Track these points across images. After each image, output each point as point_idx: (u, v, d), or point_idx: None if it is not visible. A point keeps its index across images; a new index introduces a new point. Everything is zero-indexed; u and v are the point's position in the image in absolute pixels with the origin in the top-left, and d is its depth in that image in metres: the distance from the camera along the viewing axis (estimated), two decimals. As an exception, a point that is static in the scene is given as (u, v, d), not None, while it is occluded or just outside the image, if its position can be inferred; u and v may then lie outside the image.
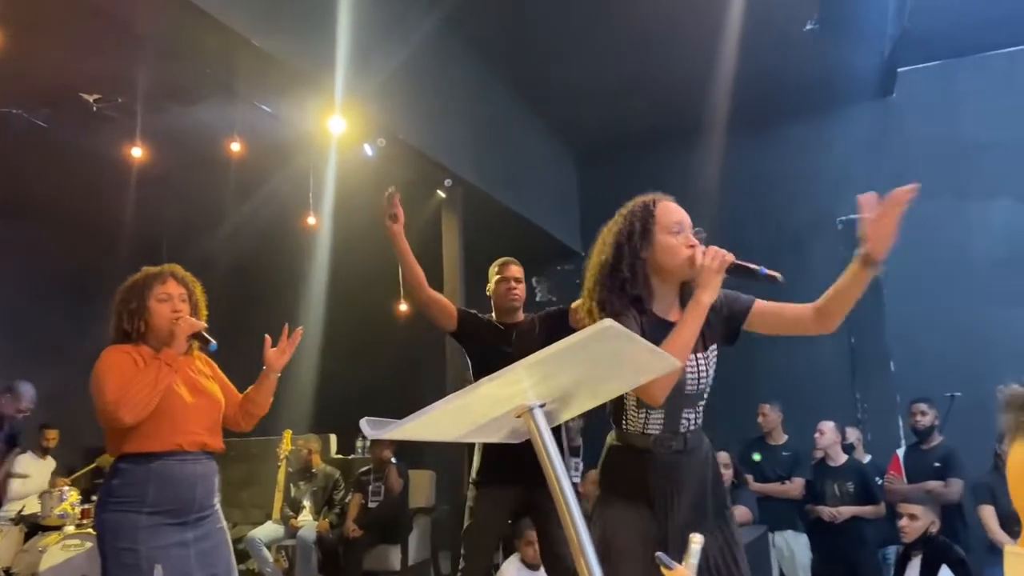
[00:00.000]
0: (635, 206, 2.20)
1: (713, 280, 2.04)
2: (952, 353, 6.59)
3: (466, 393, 1.14)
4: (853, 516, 5.18)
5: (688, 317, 2.03)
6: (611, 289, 2.12)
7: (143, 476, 2.56)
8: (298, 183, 5.65)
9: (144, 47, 4.27)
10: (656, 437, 2.15)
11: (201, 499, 2.67)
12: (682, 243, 2.13)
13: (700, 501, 2.17)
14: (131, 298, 2.70)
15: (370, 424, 1.13)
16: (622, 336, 1.15)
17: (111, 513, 2.55)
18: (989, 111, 7.00)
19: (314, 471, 6.19)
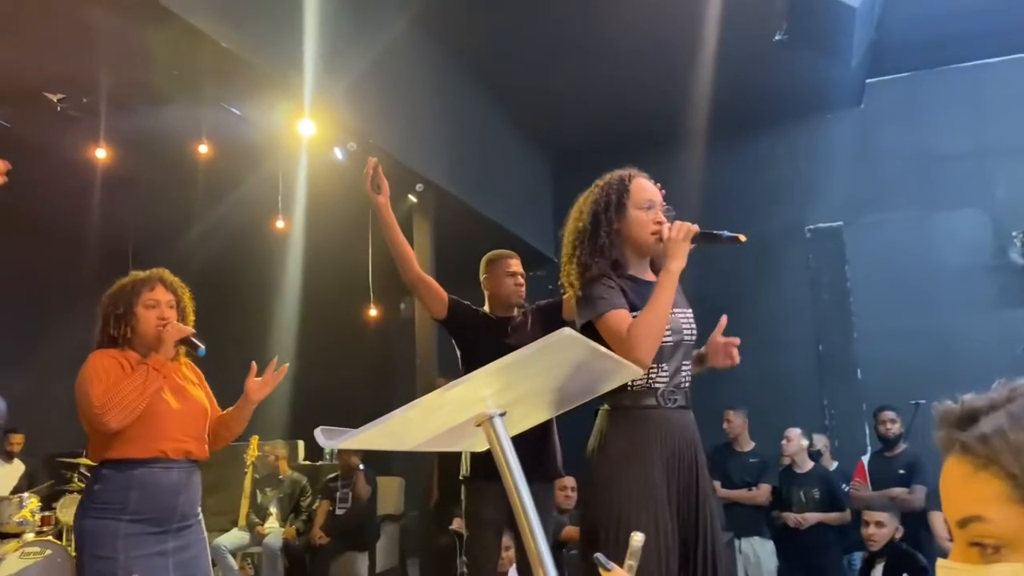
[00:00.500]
0: (612, 179, 2.34)
1: (681, 249, 2.20)
2: (918, 361, 6.67)
3: (425, 401, 1.12)
4: (819, 523, 5.22)
5: (662, 286, 2.17)
6: (592, 253, 2.24)
7: (125, 483, 2.53)
8: (268, 186, 5.59)
9: (108, 47, 4.20)
10: (663, 391, 2.21)
11: (184, 508, 2.63)
12: (651, 219, 2.28)
13: (701, 464, 2.23)
14: (118, 303, 2.68)
15: (325, 433, 1.11)
16: (581, 344, 1.14)
17: (91, 520, 2.52)
18: (954, 123, 7.12)
19: (281, 477, 6.12)
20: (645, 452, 2.14)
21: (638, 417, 2.19)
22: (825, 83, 6.59)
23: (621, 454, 2.15)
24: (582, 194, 2.40)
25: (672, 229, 2.22)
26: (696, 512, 2.17)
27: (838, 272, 7.39)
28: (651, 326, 2.12)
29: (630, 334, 2.10)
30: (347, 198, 5.97)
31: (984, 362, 6.66)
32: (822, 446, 5.94)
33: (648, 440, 2.15)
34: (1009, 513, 0.70)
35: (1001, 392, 0.77)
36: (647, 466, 2.13)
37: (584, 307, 2.22)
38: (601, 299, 2.18)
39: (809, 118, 7.47)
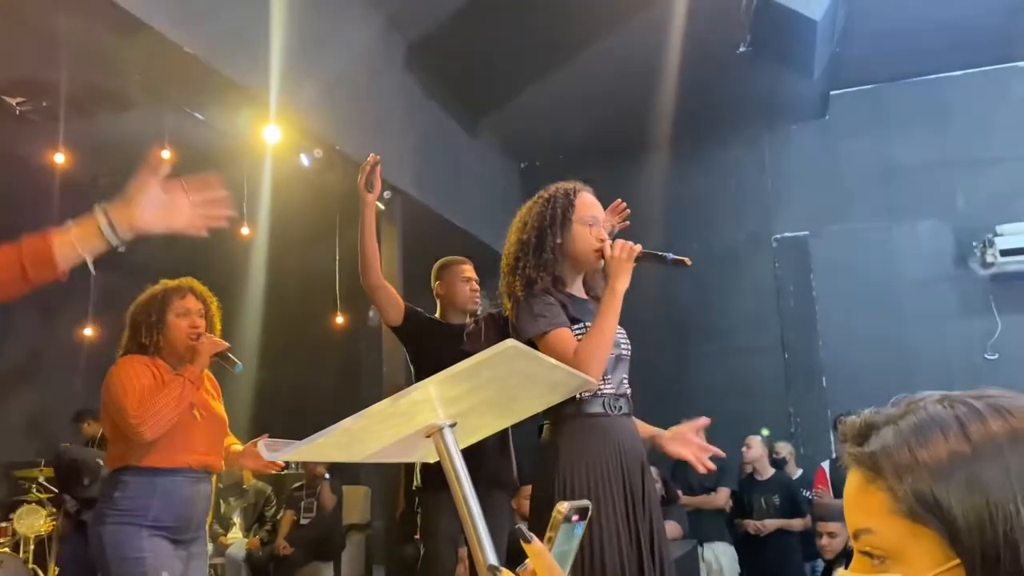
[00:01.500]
0: (557, 192, 2.33)
1: (625, 268, 2.20)
2: (882, 368, 6.74)
3: (372, 411, 1.11)
4: (779, 529, 5.26)
5: (607, 306, 2.18)
6: (537, 267, 2.24)
7: (148, 490, 2.55)
8: (233, 192, 5.52)
9: (69, 51, 4.14)
10: (608, 399, 2.23)
11: (199, 519, 2.68)
12: (594, 235, 2.28)
13: (648, 470, 2.26)
14: (151, 311, 2.73)
15: (269, 446, 1.10)
16: (526, 356, 1.14)
17: (112, 526, 2.52)
18: (917, 134, 7.22)
19: (245, 487, 6.06)
20: (598, 459, 2.15)
21: (588, 426, 2.19)
22: (790, 95, 6.67)
23: (575, 462, 2.15)
24: (525, 205, 2.38)
25: (615, 248, 2.22)
26: (648, 518, 2.18)
27: (804, 281, 7.47)
28: (598, 348, 2.14)
29: (578, 357, 2.10)
30: (313, 205, 5.95)
31: (946, 369, 6.77)
32: (787, 453, 5.98)
33: (600, 447, 2.17)
34: (893, 525, 0.73)
35: (898, 407, 0.80)
36: (601, 473, 2.14)
37: (526, 322, 2.21)
38: (542, 316, 2.18)
39: (774, 129, 7.55)
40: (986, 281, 6.79)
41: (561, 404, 2.15)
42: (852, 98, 7.46)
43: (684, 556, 3.93)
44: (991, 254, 6.61)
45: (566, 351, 2.12)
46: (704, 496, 5.49)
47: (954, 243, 7.01)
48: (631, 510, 2.16)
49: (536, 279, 2.23)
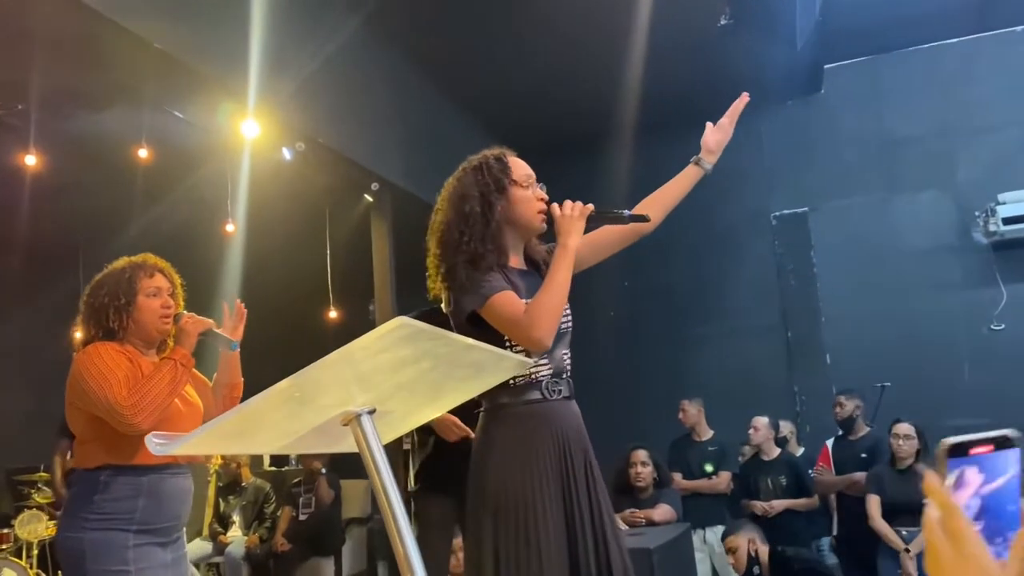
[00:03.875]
0: (486, 159, 2.19)
1: (576, 226, 2.09)
2: (886, 344, 6.68)
3: (258, 402, 1.06)
4: (787, 509, 5.20)
5: (560, 263, 2.05)
6: (484, 239, 2.08)
7: (133, 490, 2.32)
8: (216, 189, 5.51)
9: (43, 52, 4.11)
10: (546, 383, 2.08)
11: (183, 517, 2.47)
12: (535, 196, 2.16)
13: (588, 454, 2.12)
14: (118, 292, 2.45)
15: (158, 439, 1.05)
16: (423, 333, 1.08)
17: (95, 532, 2.28)
18: (914, 105, 7.11)
19: (243, 485, 6.03)
20: (534, 451, 2.01)
21: (524, 413, 2.05)
22: (781, 69, 6.53)
23: (508, 455, 2.02)
24: (449, 180, 2.23)
25: (565, 206, 2.11)
26: (592, 511, 2.04)
27: (804, 258, 7.38)
28: (551, 304, 1.99)
29: (529, 314, 1.97)
30: (301, 200, 5.91)
31: (952, 342, 6.69)
32: (788, 432, 5.91)
33: (536, 437, 2.03)
34: None
35: None
36: (538, 466, 2.00)
37: (466, 296, 2.04)
38: (485, 282, 2.03)
39: (770, 106, 7.42)
40: (989, 250, 6.68)
41: (494, 391, 2.03)
42: (846, 71, 7.34)
43: (676, 539, 3.88)
44: (993, 223, 6.51)
45: (514, 313, 1.98)
46: (705, 480, 5.42)
47: (955, 213, 6.90)
48: (571, 505, 2.02)
49: (484, 253, 2.07)
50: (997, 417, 6.53)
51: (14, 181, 4.97)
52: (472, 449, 2.12)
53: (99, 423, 2.34)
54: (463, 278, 2.05)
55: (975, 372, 6.56)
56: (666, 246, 7.37)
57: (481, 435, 2.10)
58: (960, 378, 6.59)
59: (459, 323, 2.07)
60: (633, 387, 7.22)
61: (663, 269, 7.41)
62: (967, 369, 6.61)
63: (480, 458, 2.06)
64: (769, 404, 6.26)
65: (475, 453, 2.09)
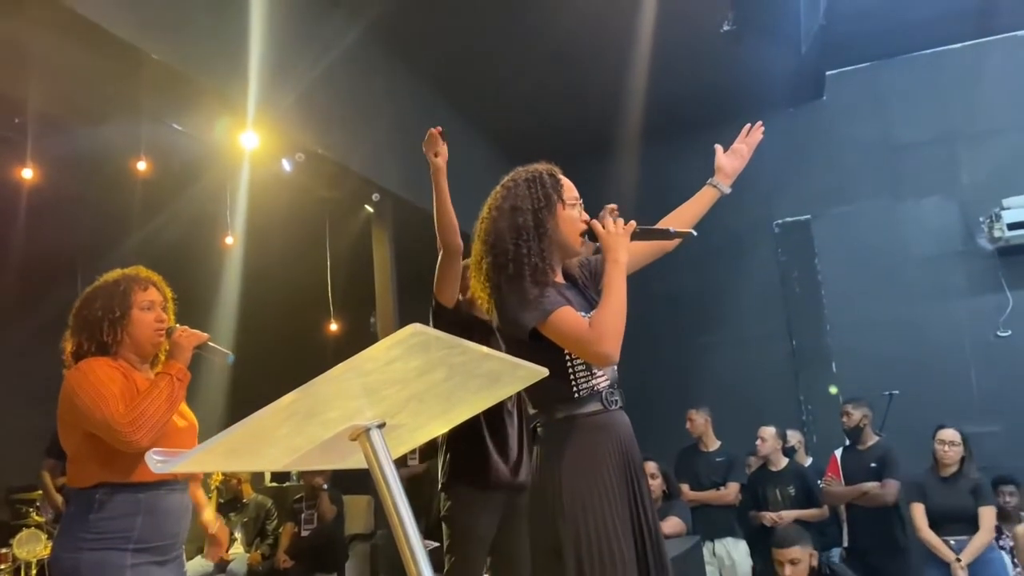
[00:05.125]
0: (540, 173, 2.20)
1: (623, 242, 2.11)
2: (892, 351, 6.62)
3: (261, 416, 1.00)
4: (796, 519, 5.12)
5: (615, 278, 2.07)
6: (541, 253, 2.09)
7: (131, 508, 2.27)
8: (217, 201, 5.46)
9: (40, 65, 4.07)
10: (605, 393, 2.10)
11: (183, 534, 2.41)
12: (579, 218, 2.18)
13: (641, 463, 2.15)
14: (112, 305, 2.41)
15: (158, 456, 0.99)
16: (438, 342, 1.02)
17: (91, 552, 2.22)
18: (917, 110, 7.08)
19: (244, 501, 5.95)
20: (602, 462, 2.03)
21: (590, 425, 2.06)
22: (783, 76, 6.50)
23: (577, 468, 2.02)
24: (499, 187, 2.24)
25: (607, 223, 2.13)
26: (651, 519, 2.08)
27: (808, 265, 7.33)
28: (615, 318, 2.01)
29: (595, 329, 1.98)
30: (301, 211, 5.86)
31: (958, 349, 6.63)
32: (796, 442, 5.84)
33: (602, 449, 2.05)
34: None
35: None
36: (607, 478, 2.02)
37: (523, 311, 2.04)
38: (544, 298, 2.04)
39: (772, 112, 7.34)
40: (995, 256, 6.63)
41: (553, 402, 2.08)
42: (848, 77, 7.31)
43: (687, 552, 3.80)
44: (998, 228, 6.46)
45: (578, 328, 1.99)
46: (714, 491, 5.33)
47: (960, 219, 6.85)
48: (637, 514, 2.05)
49: (544, 268, 2.09)
50: (1005, 424, 6.48)
51: (12, 195, 4.92)
52: (538, 463, 2.11)
53: (94, 440, 2.28)
54: (524, 292, 2.05)
55: (982, 379, 6.50)
56: (669, 255, 7.27)
57: (544, 450, 2.09)
58: (967, 385, 6.53)
59: (515, 337, 2.08)
60: (638, 397, 7.10)
61: (666, 278, 7.34)
62: (974, 376, 6.55)
63: (550, 471, 2.05)
64: (775, 413, 6.20)
65: (544, 464, 2.08)
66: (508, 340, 2.12)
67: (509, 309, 2.07)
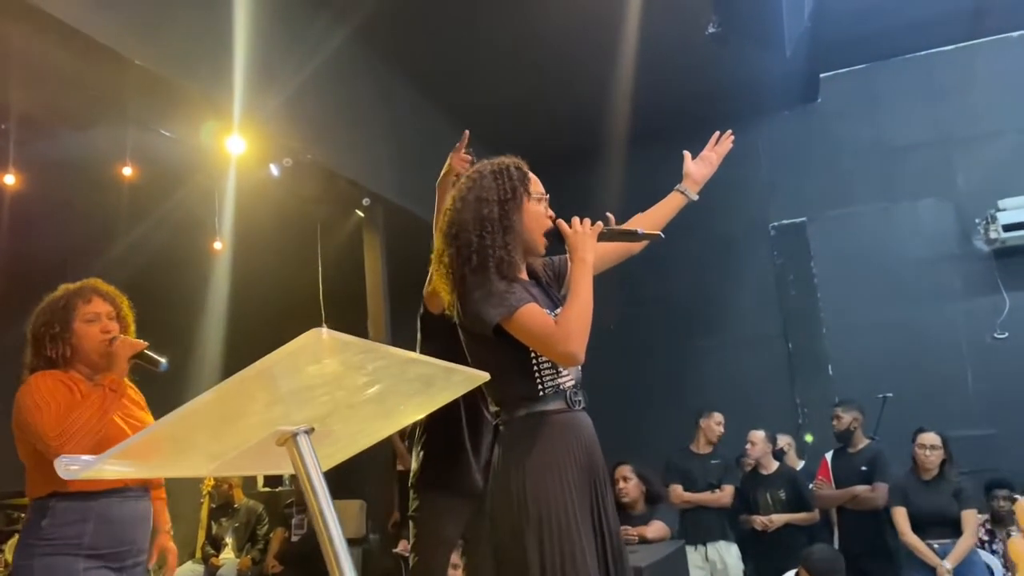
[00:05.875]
0: (507, 166, 2.14)
1: (590, 241, 2.09)
2: (888, 353, 6.59)
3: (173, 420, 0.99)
4: (787, 524, 5.09)
5: (582, 278, 2.04)
6: (506, 246, 2.04)
7: (81, 515, 2.32)
8: (203, 206, 5.46)
9: (22, 71, 4.07)
10: (569, 393, 2.07)
11: (140, 542, 2.44)
12: (545, 213, 2.15)
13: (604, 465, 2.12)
14: (53, 321, 2.46)
15: (67, 461, 0.98)
16: (347, 346, 1.01)
17: (44, 558, 2.27)
18: (911, 113, 7.06)
19: (236, 506, 5.94)
20: (565, 462, 1.99)
21: (554, 423, 2.01)
22: (777, 79, 6.48)
23: (541, 467, 1.97)
24: (464, 178, 2.17)
25: (574, 222, 2.10)
26: (611, 522, 2.06)
27: (804, 268, 7.30)
28: (582, 318, 1.97)
29: (562, 327, 1.94)
30: (290, 216, 5.85)
31: (955, 351, 6.59)
32: (785, 444, 5.80)
33: (566, 448, 2.00)
34: None
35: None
36: (571, 478, 1.98)
37: (488, 305, 1.97)
38: (510, 293, 1.98)
39: (766, 116, 7.38)
40: (991, 258, 6.60)
41: (516, 400, 2.03)
42: (843, 80, 7.29)
43: (669, 557, 3.77)
44: (994, 230, 6.42)
45: (545, 327, 1.95)
46: (709, 494, 5.29)
47: (955, 221, 6.82)
48: (599, 517, 2.03)
49: (509, 261, 2.03)
50: (1002, 427, 6.43)
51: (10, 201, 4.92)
52: (500, 461, 2.05)
53: (41, 452, 2.33)
54: (489, 286, 2.00)
55: (978, 381, 6.46)
56: (664, 257, 7.25)
57: (512, 443, 2.03)
58: (964, 387, 6.49)
59: (477, 333, 2.03)
60: (633, 400, 7.12)
61: (662, 280, 7.33)
62: (970, 378, 6.52)
63: (515, 466, 1.99)
64: (771, 416, 6.18)
65: (507, 462, 2.02)
66: (469, 335, 2.07)
67: (473, 303, 2.00)
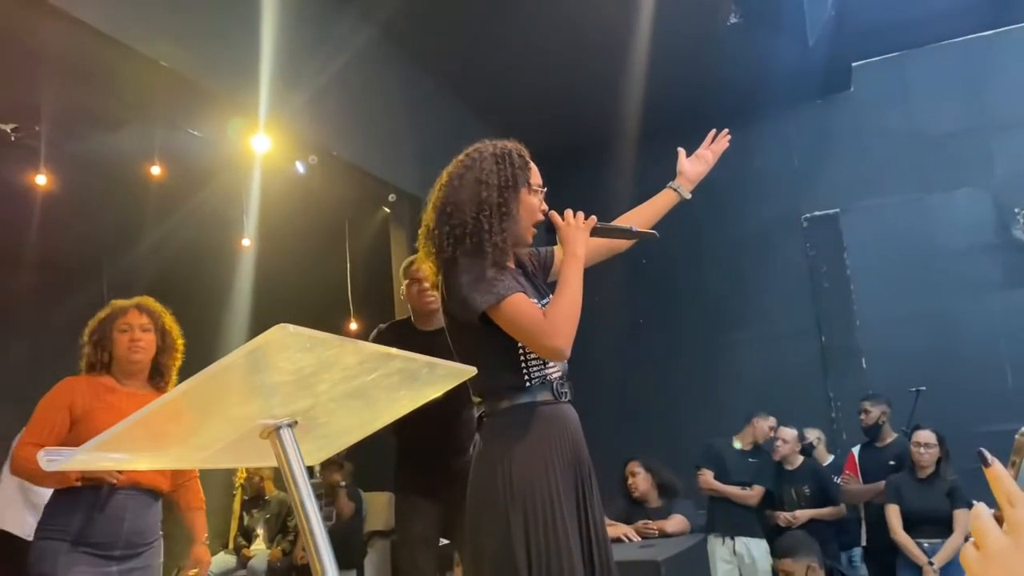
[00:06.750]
0: (509, 150, 2.09)
1: (582, 236, 2.04)
2: (924, 346, 6.48)
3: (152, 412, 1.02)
4: (812, 519, 5.03)
5: (572, 272, 1.99)
6: (503, 232, 1.98)
7: (70, 508, 2.57)
8: (231, 204, 5.55)
9: (55, 74, 4.19)
10: (556, 384, 2.03)
11: (129, 535, 2.65)
12: (539, 206, 2.10)
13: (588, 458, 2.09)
14: (96, 330, 2.83)
15: (48, 455, 1.02)
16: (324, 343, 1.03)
17: (39, 541, 2.60)
18: (947, 100, 6.91)
19: (267, 498, 6.05)
20: (554, 449, 1.96)
21: (540, 414, 1.97)
22: (806, 68, 6.38)
23: (533, 453, 1.94)
24: (462, 155, 2.13)
25: (567, 215, 2.06)
26: (596, 515, 2.03)
27: (837, 260, 7.19)
28: (569, 312, 1.93)
29: (549, 320, 1.90)
30: (317, 213, 5.93)
31: (992, 344, 6.45)
32: (814, 439, 5.73)
33: (551, 439, 1.97)
34: None
35: None
36: (556, 469, 1.95)
37: (476, 292, 1.92)
38: (499, 281, 1.93)
39: (798, 105, 7.28)
40: (1030, 248, 6.44)
41: (502, 390, 1.99)
42: (876, 68, 7.16)
43: (688, 551, 3.75)
44: (1033, 220, 6.27)
45: (532, 319, 1.90)
46: (738, 490, 5.23)
47: (993, 210, 6.67)
48: (584, 510, 1.99)
49: (503, 248, 1.98)
50: (1038, 422, 6.26)
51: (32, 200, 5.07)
52: (483, 449, 2.02)
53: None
54: (480, 271, 1.94)
55: (1017, 375, 6.32)
56: (696, 250, 7.24)
57: (497, 434, 1.99)
58: (1003, 382, 6.36)
59: (462, 319, 1.98)
60: (665, 394, 7.10)
61: (693, 274, 7.29)
62: (1009, 373, 6.38)
63: (500, 457, 1.95)
64: (803, 410, 6.12)
65: (491, 453, 1.98)
66: (453, 321, 2.02)
67: (461, 287, 1.94)
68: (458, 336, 2.05)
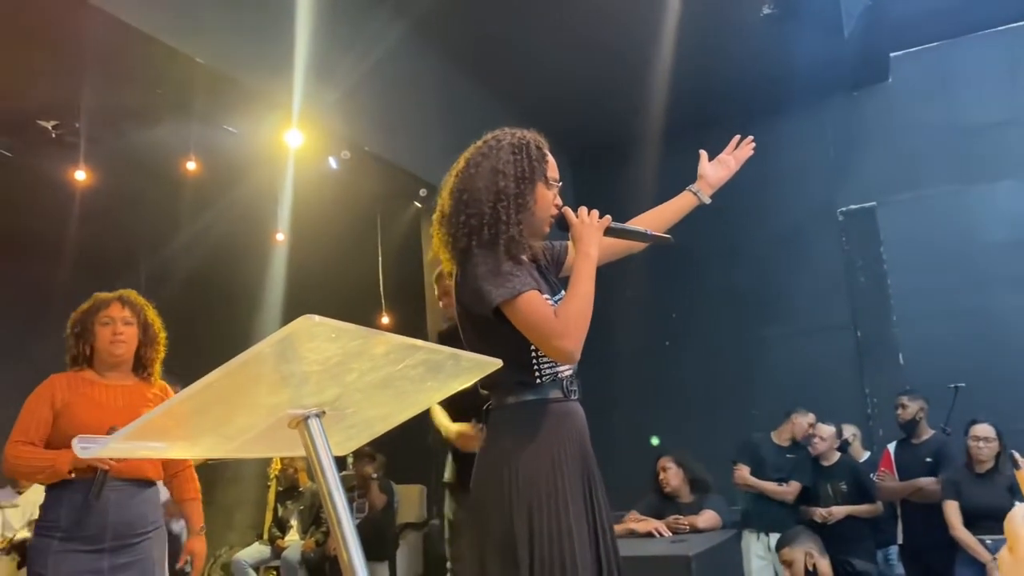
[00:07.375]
0: (527, 141, 2.06)
1: (595, 235, 2.00)
2: (963, 342, 6.36)
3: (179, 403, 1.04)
4: (849, 516, 4.97)
5: (584, 272, 1.95)
6: (519, 224, 1.95)
7: (57, 502, 2.62)
8: (265, 199, 5.62)
9: (95, 72, 4.26)
10: (566, 382, 2.00)
11: (117, 527, 2.64)
12: (554, 201, 2.06)
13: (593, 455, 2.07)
14: (78, 323, 2.81)
15: (82, 442, 1.04)
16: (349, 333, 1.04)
17: (34, 538, 2.65)
18: (987, 91, 6.77)
19: (301, 490, 6.12)
20: (560, 451, 1.93)
21: (550, 411, 1.94)
22: (843, 59, 6.28)
23: (540, 449, 1.91)
24: (480, 142, 2.11)
25: (581, 213, 2.02)
26: (604, 513, 1.99)
27: (874, 254, 7.08)
28: (581, 314, 1.88)
29: (561, 321, 1.86)
30: (350, 207, 5.98)
31: (1029, 335, 6.32)
32: (850, 435, 5.66)
33: (560, 437, 1.94)
34: None
35: None
36: (565, 467, 1.92)
37: (492, 285, 1.88)
38: (515, 276, 1.89)
39: (834, 97, 7.17)
40: (1075, 240, 6.30)
41: (511, 385, 1.95)
42: (914, 58, 7.03)
43: (720, 546, 3.73)
44: (1077, 212, 6.12)
45: (544, 317, 1.86)
46: (775, 486, 5.19)
47: (1035, 204, 6.52)
48: (591, 507, 1.96)
49: (519, 241, 1.93)
50: (1084, 421, 6.09)
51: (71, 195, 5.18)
52: (489, 444, 1.99)
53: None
54: (496, 264, 1.91)
55: (1060, 373, 6.18)
56: (731, 245, 7.19)
57: (505, 429, 1.97)
58: (1045, 377, 6.22)
59: (474, 312, 1.95)
60: (700, 390, 7.06)
61: (728, 269, 7.23)
62: (1052, 369, 6.24)
63: (507, 455, 1.92)
64: (839, 407, 6.04)
65: (498, 448, 1.95)
66: (465, 312, 1.99)
67: (476, 278, 1.91)
68: (469, 327, 2.02)
